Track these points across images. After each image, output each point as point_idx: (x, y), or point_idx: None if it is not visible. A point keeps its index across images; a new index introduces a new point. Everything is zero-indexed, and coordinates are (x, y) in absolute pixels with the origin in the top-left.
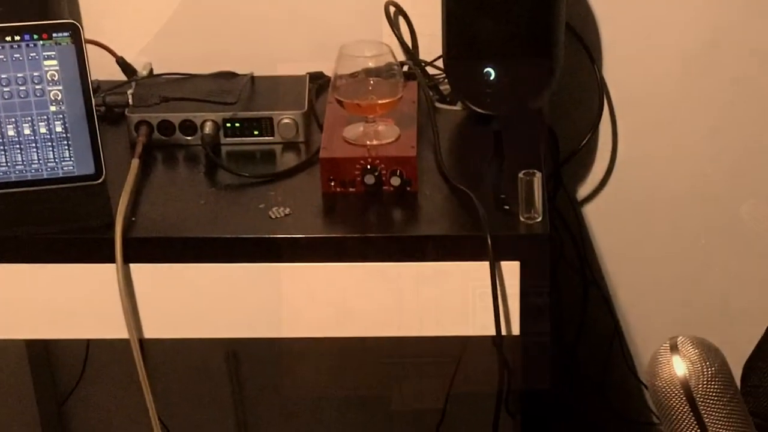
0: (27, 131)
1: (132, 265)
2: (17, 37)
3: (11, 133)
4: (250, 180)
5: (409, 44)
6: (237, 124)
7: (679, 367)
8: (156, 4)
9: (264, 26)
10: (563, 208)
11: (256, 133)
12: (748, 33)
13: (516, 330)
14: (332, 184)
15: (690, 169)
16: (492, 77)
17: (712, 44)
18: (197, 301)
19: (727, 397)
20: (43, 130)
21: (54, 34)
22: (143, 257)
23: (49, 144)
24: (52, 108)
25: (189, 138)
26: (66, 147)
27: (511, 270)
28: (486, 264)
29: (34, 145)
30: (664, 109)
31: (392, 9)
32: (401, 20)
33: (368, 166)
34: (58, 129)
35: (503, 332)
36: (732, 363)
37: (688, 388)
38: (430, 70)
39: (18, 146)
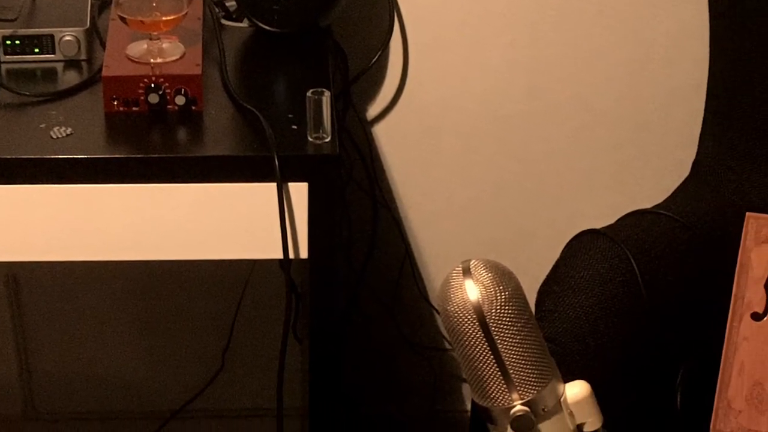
0: None
1: None
2: None
3: None
4: (31, 99)
5: None
6: (17, 42)
7: (471, 291)
8: None
9: None
10: (353, 128)
11: (36, 50)
12: None
13: (304, 253)
14: (115, 103)
15: (483, 86)
16: None
17: None
18: None
19: (521, 323)
20: None
21: None
22: None
23: None
24: None
25: None
26: None
27: (299, 191)
28: (273, 185)
29: None
30: (456, 25)
31: None
32: None
33: (152, 85)
34: None
35: (291, 255)
36: (527, 287)
37: (481, 312)
38: None
39: None
